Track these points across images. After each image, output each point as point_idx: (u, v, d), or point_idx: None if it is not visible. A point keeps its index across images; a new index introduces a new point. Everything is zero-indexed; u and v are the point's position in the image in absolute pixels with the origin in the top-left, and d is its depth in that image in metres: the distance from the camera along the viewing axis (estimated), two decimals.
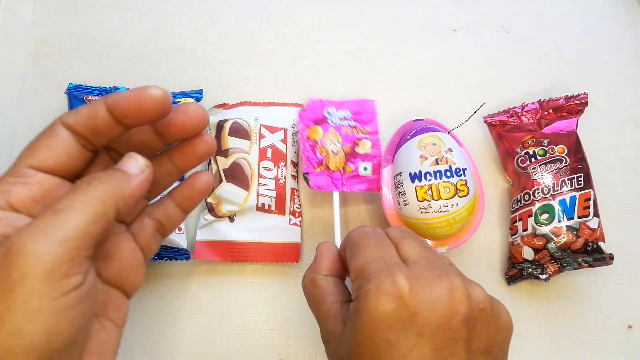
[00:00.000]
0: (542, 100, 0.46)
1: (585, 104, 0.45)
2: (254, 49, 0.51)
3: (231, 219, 0.42)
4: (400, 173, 0.41)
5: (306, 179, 0.41)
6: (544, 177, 0.43)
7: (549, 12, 0.54)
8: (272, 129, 0.44)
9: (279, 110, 0.47)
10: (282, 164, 0.43)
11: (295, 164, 0.45)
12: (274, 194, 0.42)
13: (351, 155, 0.43)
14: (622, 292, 0.44)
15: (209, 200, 0.42)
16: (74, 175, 0.27)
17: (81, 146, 0.26)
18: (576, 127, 0.44)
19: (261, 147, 0.43)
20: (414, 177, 0.39)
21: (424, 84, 0.50)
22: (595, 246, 0.41)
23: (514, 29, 0.53)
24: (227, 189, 0.42)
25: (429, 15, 0.53)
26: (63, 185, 0.26)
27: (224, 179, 0.42)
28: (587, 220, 0.41)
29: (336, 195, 0.41)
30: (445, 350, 0.24)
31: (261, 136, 0.44)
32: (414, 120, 0.44)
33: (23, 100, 0.49)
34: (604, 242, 0.41)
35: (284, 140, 0.44)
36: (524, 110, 0.46)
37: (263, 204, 0.42)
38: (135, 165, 0.26)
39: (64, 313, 0.21)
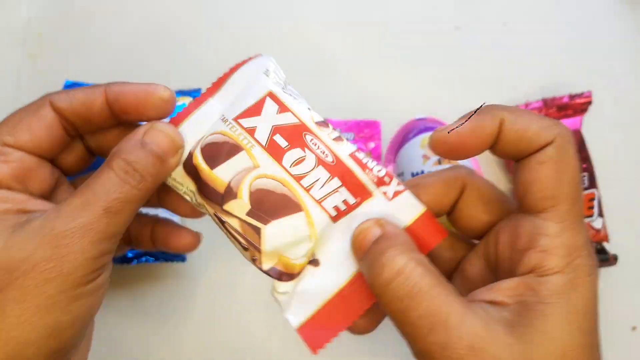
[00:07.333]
0: (546, 98, 0.45)
1: (590, 102, 0.44)
2: (253, 47, 0.50)
3: (314, 262, 0.26)
4: (402, 172, 0.40)
5: None
6: None
7: (552, 9, 0.53)
8: (253, 111, 0.27)
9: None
10: (309, 137, 0.26)
11: (325, 124, 0.26)
12: (336, 183, 0.25)
13: None
14: (626, 293, 0.44)
15: (267, 266, 0.25)
16: (49, 158, 0.26)
17: (64, 131, 0.26)
18: (580, 126, 0.44)
19: (264, 143, 0.26)
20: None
21: (427, 82, 0.50)
22: (599, 247, 0.40)
23: (517, 26, 0.52)
24: (277, 232, 0.25)
25: (431, 13, 0.52)
26: (42, 164, 0.25)
27: (259, 224, 0.25)
28: (591, 221, 0.41)
29: None
30: None
31: (249, 131, 0.26)
32: (416, 119, 0.44)
33: (19, 100, 0.48)
34: (608, 242, 0.41)
35: (282, 109, 0.26)
36: (528, 108, 0.46)
37: (336, 207, 0.25)
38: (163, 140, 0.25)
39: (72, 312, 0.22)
